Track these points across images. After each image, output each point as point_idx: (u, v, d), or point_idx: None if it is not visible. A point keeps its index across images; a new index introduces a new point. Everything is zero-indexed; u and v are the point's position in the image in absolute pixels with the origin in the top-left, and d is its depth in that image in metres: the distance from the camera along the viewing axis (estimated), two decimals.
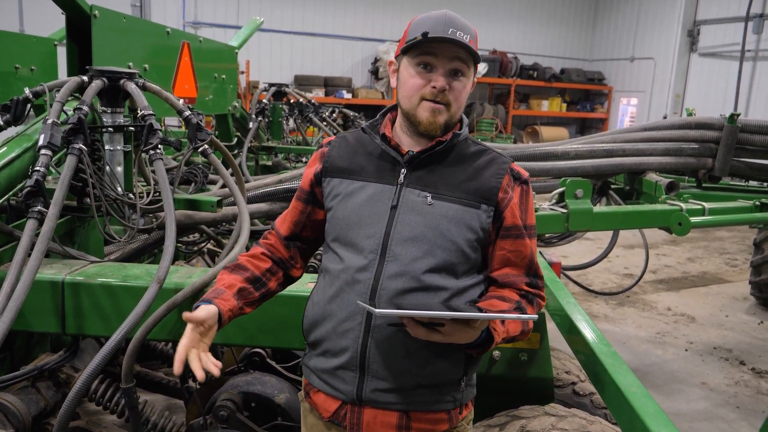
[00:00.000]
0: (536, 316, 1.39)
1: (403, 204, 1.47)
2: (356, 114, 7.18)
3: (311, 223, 1.65)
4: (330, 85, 13.94)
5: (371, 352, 1.45)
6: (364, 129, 1.60)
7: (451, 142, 1.50)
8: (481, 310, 1.35)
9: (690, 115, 4.50)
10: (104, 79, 2.16)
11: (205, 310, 1.41)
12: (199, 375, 1.34)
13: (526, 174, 1.57)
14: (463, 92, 1.48)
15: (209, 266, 3.62)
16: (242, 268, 1.60)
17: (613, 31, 17.06)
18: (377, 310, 1.25)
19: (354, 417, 1.49)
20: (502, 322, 1.42)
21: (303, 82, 13.52)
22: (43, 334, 2.32)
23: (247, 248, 3.19)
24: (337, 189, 1.56)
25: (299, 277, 1.71)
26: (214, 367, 1.35)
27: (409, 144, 1.53)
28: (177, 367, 1.35)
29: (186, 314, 1.38)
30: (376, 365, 1.45)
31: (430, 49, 1.44)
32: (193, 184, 3.20)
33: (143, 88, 2.25)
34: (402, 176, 1.49)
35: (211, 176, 3.33)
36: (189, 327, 1.39)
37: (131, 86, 2.18)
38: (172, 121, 7.44)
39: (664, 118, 13.55)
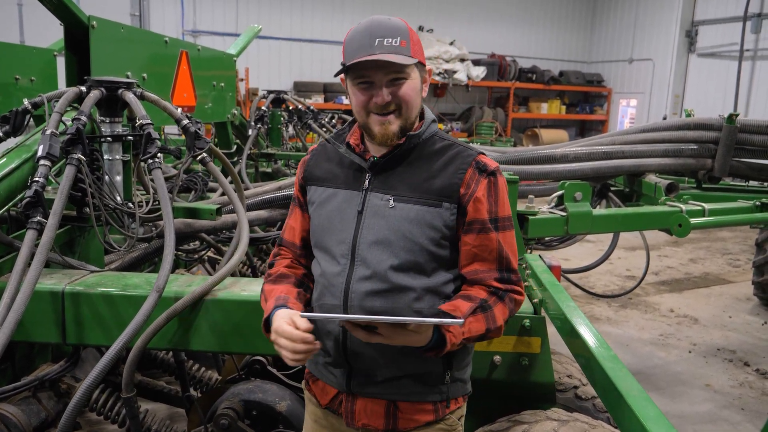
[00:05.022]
0: (461, 320, 1.29)
1: (368, 208, 1.52)
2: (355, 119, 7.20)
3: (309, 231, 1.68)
4: (329, 91, 13.95)
5: (350, 350, 1.53)
6: (328, 140, 1.65)
7: (410, 142, 1.52)
8: (443, 315, 1.37)
9: (689, 115, 4.50)
10: (102, 89, 2.17)
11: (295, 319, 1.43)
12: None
13: (494, 165, 1.53)
14: (409, 92, 1.47)
15: (210, 274, 3.62)
16: (284, 276, 1.65)
17: (611, 33, 17.07)
18: (300, 314, 1.35)
19: (348, 405, 1.59)
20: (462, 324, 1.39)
21: (302, 88, 13.53)
22: (44, 344, 2.32)
23: (248, 254, 3.19)
24: (314, 197, 1.63)
25: None
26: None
27: (375, 150, 1.57)
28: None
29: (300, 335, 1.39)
30: (358, 363, 1.53)
31: (363, 70, 1.45)
32: (193, 192, 3.20)
33: (141, 97, 2.26)
34: (367, 181, 1.54)
35: (211, 184, 3.34)
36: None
37: (129, 96, 2.19)
38: (172, 129, 7.44)
39: (664, 119, 13.57)
